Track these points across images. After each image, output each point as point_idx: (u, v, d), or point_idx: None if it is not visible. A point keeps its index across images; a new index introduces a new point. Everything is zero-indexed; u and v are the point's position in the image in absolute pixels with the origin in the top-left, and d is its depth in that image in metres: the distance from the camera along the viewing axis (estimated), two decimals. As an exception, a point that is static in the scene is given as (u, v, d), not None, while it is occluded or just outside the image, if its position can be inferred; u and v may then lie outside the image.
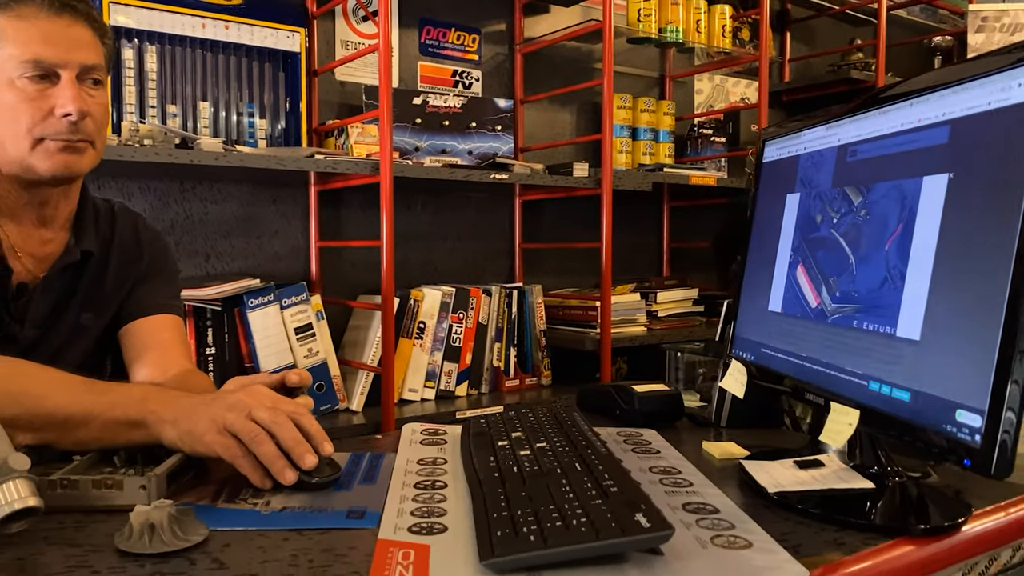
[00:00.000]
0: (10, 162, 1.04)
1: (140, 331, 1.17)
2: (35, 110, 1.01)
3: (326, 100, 2.23)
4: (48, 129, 1.02)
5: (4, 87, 1.01)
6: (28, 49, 1.00)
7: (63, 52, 1.01)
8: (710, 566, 0.63)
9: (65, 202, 1.12)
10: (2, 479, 0.65)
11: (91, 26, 1.06)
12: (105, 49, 1.09)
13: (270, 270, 2.15)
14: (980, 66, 0.65)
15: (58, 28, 1.02)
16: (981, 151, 0.63)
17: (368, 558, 0.63)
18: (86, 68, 1.04)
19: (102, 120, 1.08)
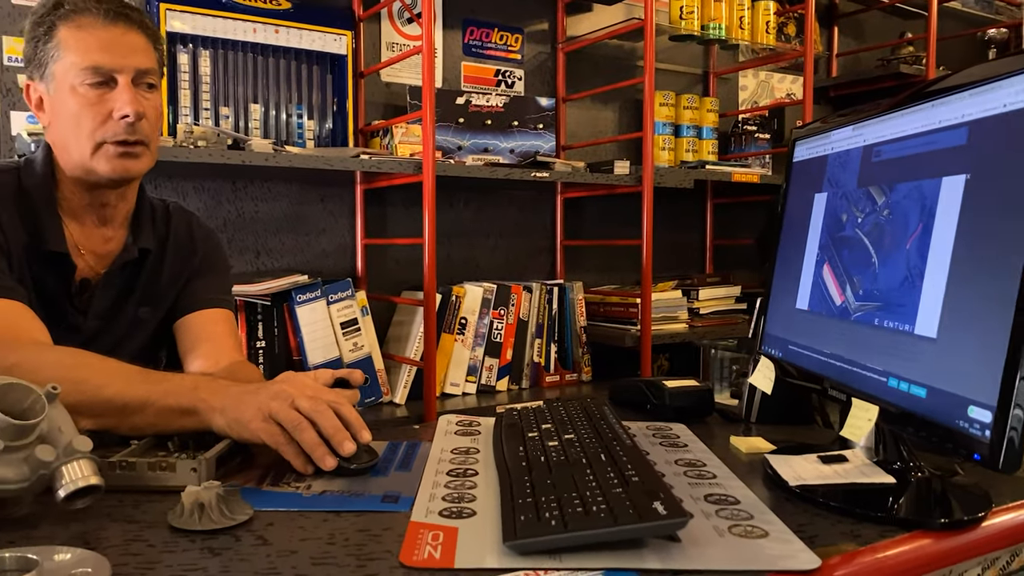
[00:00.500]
0: (74, 166, 1.11)
1: (194, 324, 1.23)
2: (95, 114, 1.08)
3: (372, 101, 2.29)
4: (107, 131, 1.08)
5: (67, 94, 1.08)
6: (87, 57, 1.07)
7: (119, 58, 1.08)
8: (725, 553, 0.65)
9: (123, 202, 1.19)
10: (68, 459, 0.70)
11: (144, 33, 1.12)
12: (157, 54, 1.15)
13: (318, 267, 2.21)
14: (997, 68, 0.66)
15: (114, 36, 1.08)
16: (997, 153, 0.65)
17: (400, 538, 0.67)
18: (141, 72, 1.10)
19: (156, 121, 1.14)
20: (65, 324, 1.13)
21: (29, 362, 0.92)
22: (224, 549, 0.66)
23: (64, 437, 0.72)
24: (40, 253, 1.11)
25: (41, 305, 1.09)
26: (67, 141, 1.10)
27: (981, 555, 0.73)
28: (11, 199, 1.11)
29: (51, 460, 0.69)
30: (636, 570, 0.62)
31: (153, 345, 1.26)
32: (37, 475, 0.69)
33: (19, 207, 1.11)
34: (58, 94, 1.10)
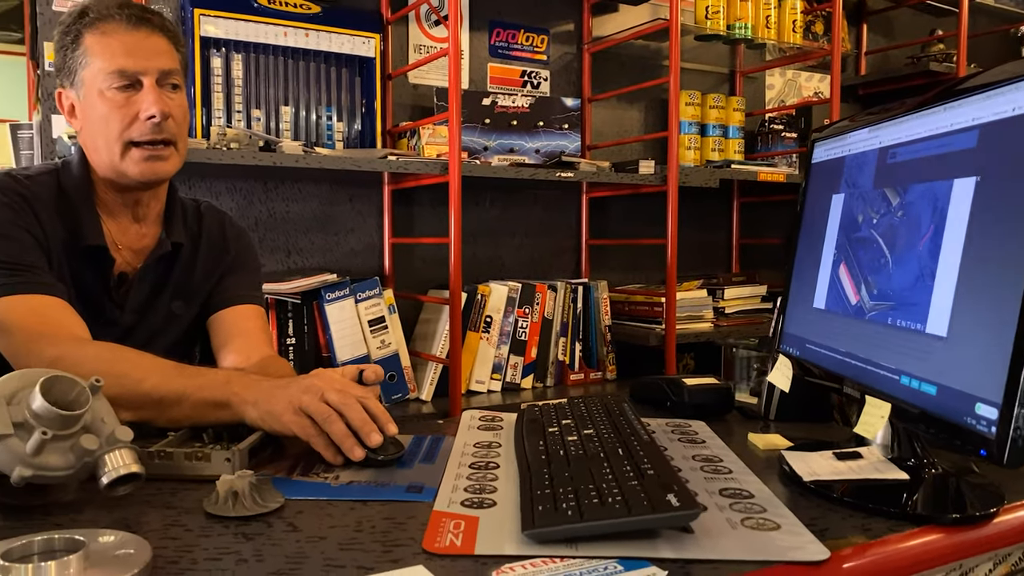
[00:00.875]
0: (105, 167, 1.16)
1: (226, 320, 1.27)
2: (123, 116, 1.12)
3: (399, 103, 2.32)
4: (135, 132, 1.13)
5: (95, 98, 1.13)
6: (113, 61, 1.11)
7: (143, 60, 1.12)
8: (736, 544, 0.67)
9: (155, 201, 1.24)
10: (110, 448, 0.74)
11: (166, 36, 1.17)
12: (180, 55, 1.20)
13: (346, 265, 2.26)
14: (1008, 72, 0.67)
15: (137, 39, 1.13)
16: (1006, 155, 0.66)
17: (423, 527, 0.70)
18: (164, 73, 1.15)
19: (183, 120, 1.18)
20: (103, 318, 1.18)
21: (70, 356, 0.97)
22: (256, 534, 0.69)
23: (107, 427, 0.76)
24: (79, 249, 1.16)
25: (80, 300, 1.14)
26: (98, 144, 1.15)
27: (992, 551, 0.74)
28: (51, 200, 1.15)
29: (95, 449, 0.73)
30: (649, 559, 0.64)
31: (186, 340, 1.30)
32: (82, 463, 0.73)
33: (58, 207, 1.16)
34: (87, 99, 1.14)
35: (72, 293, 1.13)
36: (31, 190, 1.14)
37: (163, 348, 1.19)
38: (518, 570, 0.62)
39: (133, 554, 0.62)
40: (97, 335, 1.09)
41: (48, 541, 0.62)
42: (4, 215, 1.09)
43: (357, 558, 0.64)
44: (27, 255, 1.09)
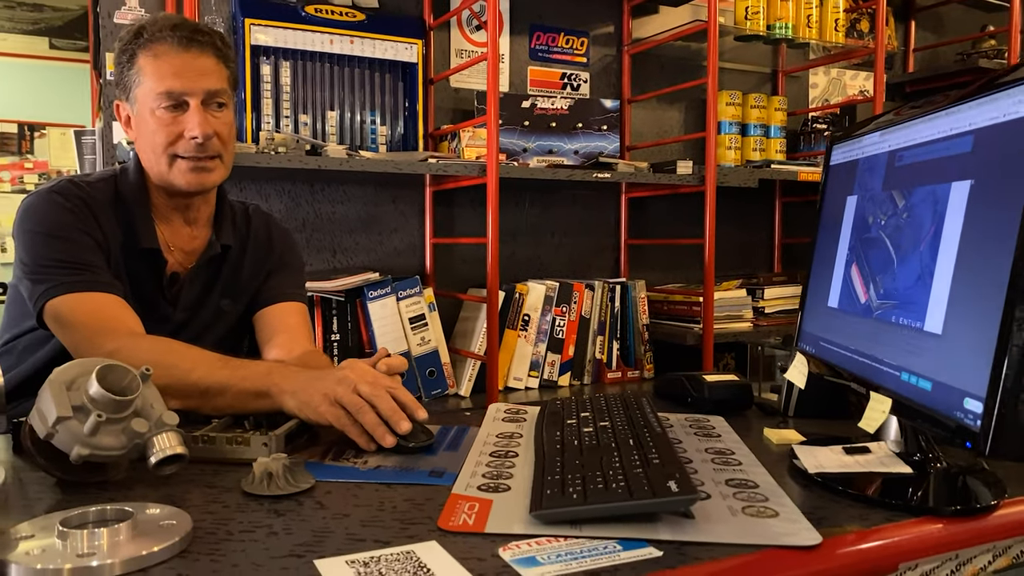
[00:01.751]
0: (156, 176, 1.25)
1: (271, 316, 1.35)
2: (169, 134, 1.20)
3: (441, 106, 2.39)
4: (179, 149, 1.21)
5: (147, 116, 1.21)
6: (162, 83, 1.19)
7: (190, 83, 1.19)
8: (733, 529, 0.71)
9: (205, 205, 1.32)
10: (158, 431, 0.81)
11: (215, 54, 1.23)
12: (229, 72, 1.26)
13: (389, 264, 2.33)
14: (1001, 79, 0.69)
15: (186, 61, 1.19)
16: (996, 160, 0.68)
17: (440, 507, 0.76)
18: (210, 93, 1.22)
19: (228, 136, 1.26)
20: (157, 315, 1.26)
21: (126, 349, 1.05)
22: (287, 511, 0.75)
23: (155, 412, 0.83)
24: (136, 251, 1.24)
25: (136, 298, 1.22)
26: (148, 156, 1.24)
27: (989, 543, 0.76)
28: (109, 204, 1.24)
29: (144, 431, 0.80)
30: (648, 540, 0.68)
31: (234, 335, 1.38)
32: (132, 444, 0.80)
33: (116, 211, 1.24)
34: (140, 115, 1.23)
35: (128, 291, 1.22)
36: (91, 195, 1.23)
37: (212, 342, 1.27)
38: (523, 547, 0.67)
39: (175, 524, 0.68)
40: (152, 330, 1.18)
41: (101, 511, 0.69)
42: (66, 219, 1.18)
43: (376, 533, 0.70)
44: (88, 256, 1.18)
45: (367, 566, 0.63)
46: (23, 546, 0.64)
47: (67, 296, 1.13)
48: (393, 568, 0.62)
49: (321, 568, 0.62)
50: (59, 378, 0.79)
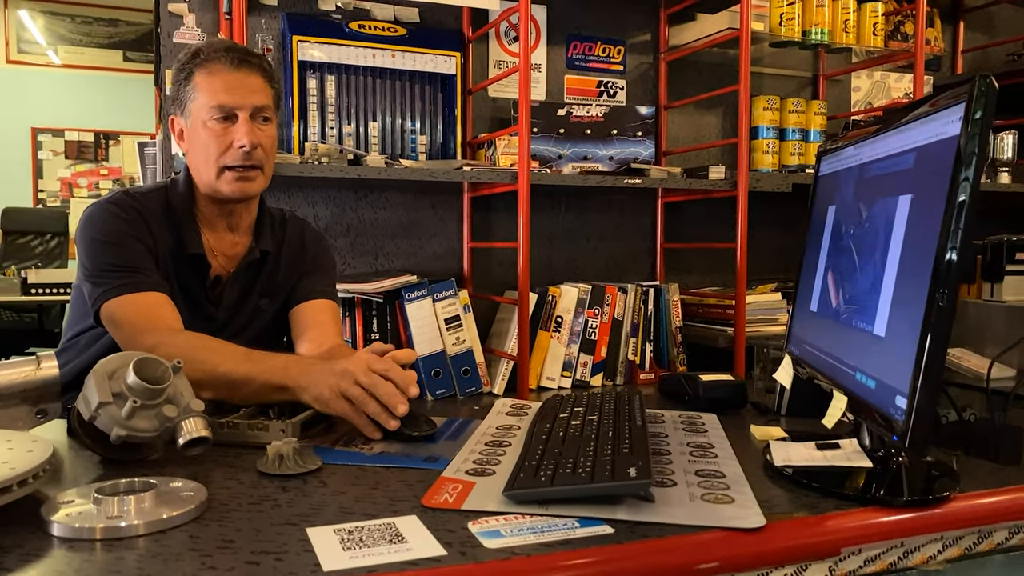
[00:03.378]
0: (204, 185, 1.37)
1: (303, 313, 1.46)
2: (220, 144, 1.32)
3: (479, 115, 2.48)
4: (229, 158, 1.33)
5: (199, 127, 1.33)
6: (215, 97, 1.31)
7: (239, 98, 1.32)
8: (686, 512, 0.78)
9: (247, 213, 1.43)
10: (186, 416, 0.92)
11: (263, 75, 1.36)
12: (274, 91, 1.39)
13: (429, 268, 2.44)
14: (940, 103, 0.75)
15: (237, 79, 1.32)
16: (929, 175, 0.74)
17: (428, 488, 0.85)
18: (257, 108, 1.34)
19: (271, 149, 1.38)
20: (201, 314, 1.38)
21: (164, 345, 1.17)
22: (293, 488, 0.85)
23: (184, 400, 0.94)
24: (183, 256, 1.37)
25: (183, 299, 1.35)
26: (199, 166, 1.36)
27: (935, 533, 0.81)
28: (160, 213, 1.37)
29: (174, 416, 0.91)
30: (605, 519, 0.76)
31: (271, 331, 1.50)
32: (164, 427, 0.91)
33: (166, 219, 1.37)
34: (193, 128, 1.35)
35: (176, 292, 1.34)
36: (144, 206, 1.36)
37: (250, 338, 1.39)
38: (491, 522, 0.75)
39: (193, 495, 0.79)
40: (196, 328, 1.30)
41: (130, 483, 0.80)
42: (120, 227, 1.31)
43: (366, 508, 0.79)
44: (138, 260, 1.31)
45: (351, 534, 0.72)
46: (64, 509, 0.75)
47: (119, 298, 1.26)
48: (372, 536, 0.72)
49: (311, 534, 0.72)
50: (102, 369, 0.91)
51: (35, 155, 5.47)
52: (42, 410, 1.01)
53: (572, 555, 0.69)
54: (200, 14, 2.19)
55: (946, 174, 0.69)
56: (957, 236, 0.66)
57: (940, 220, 0.68)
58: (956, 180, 0.67)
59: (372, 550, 0.69)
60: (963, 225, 0.67)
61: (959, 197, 0.67)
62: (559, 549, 0.70)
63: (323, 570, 0.65)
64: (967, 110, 0.67)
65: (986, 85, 0.67)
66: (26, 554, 0.68)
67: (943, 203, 0.68)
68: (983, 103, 0.67)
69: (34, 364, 1.00)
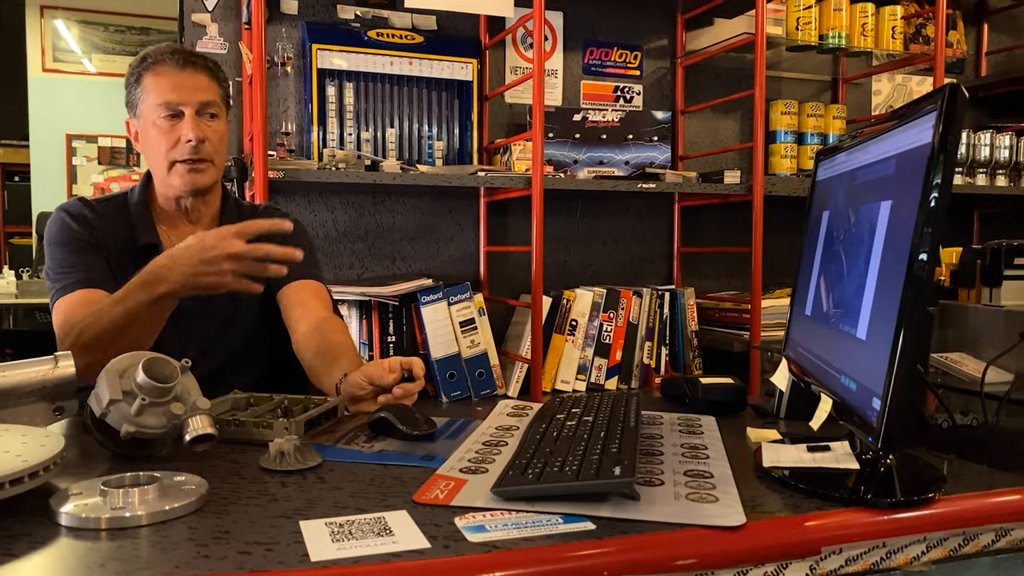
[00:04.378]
0: (159, 181, 1.45)
1: (285, 296, 1.51)
2: (168, 140, 1.39)
3: (496, 121, 2.51)
4: (177, 153, 1.39)
5: (149, 127, 1.41)
6: (161, 96, 1.39)
7: (185, 95, 1.39)
8: (668, 510, 0.80)
9: (205, 206, 1.50)
10: (192, 413, 0.96)
11: (208, 74, 1.43)
12: (221, 89, 1.45)
13: (445, 271, 2.47)
14: (917, 110, 0.76)
15: (183, 78, 1.39)
16: (906, 182, 0.75)
17: (421, 484, 0.87)
18: (203, 104, 1.41)
19: (219, 143, 1.44)
20: None
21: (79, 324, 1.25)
22: (291, 483, 0.89)
23: (191, 398, 0.97)
24: (137, 248, 1.43)
25: None
26: (152, 162, 1.44)
27: (917, 534, 0.82)
28: (115, 214, 1.46)
29: (181, 413, 0.95)
30: (588, 516, 0.78)
31: (263, 318, 1.52)
32: (171, 424, 0.95)
33: (120, 217, 1.45)
34: (144, 128, 1.43)
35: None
36: (97, 210, 1.45)
37: (242, 327, 1.50)
38: (478, 518, 0.78)
39: (195, 489, 0.82)
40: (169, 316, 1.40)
41: (135, 476, 0.84)
42: (67, 232, 1.41)
43: (359, 503, 0.82)
44: (81, 257, 1.39)
45: (341, 527, 0.75)
46: (73, 500, 0.79)
47: (62, 299, 1.36)
48: (362, 529, 0.74)
49: (303, 527, 0.75)
50: (113, 367, 0.95)
51: (69, 161, 5.62)
52: (59, 407, 1.05)
53: (551, 549, 0.71)
54: (222, 23, 2.25)
55: (920, 180, 0.70)
56: (928, 240, 0.68)
57: (910, 226, 0.70)
58: (927, 186, 0.68)
59: (360, 542, 0.71)
60: (934, 229, 0.68)
61: (930, 202, 0.68)
62: (540, 543, 0.72)
63: (311, 560, 0.68)
64: (938, 118, 0.68)
65: (956, 94, 0.68)
66: (34, 541, 0.72)
67: (914, 210, 0.70)
68: (953, 111, 0.68)
69: (52, 363, 1.04)
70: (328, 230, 2.37)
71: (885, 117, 0.88)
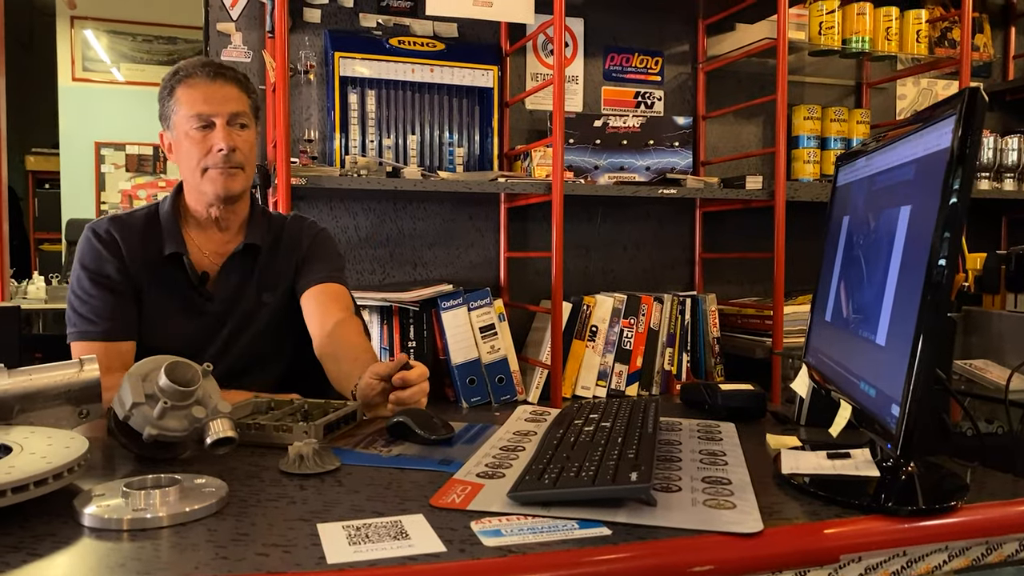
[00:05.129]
0: (191, 189, 1.48)
1: (307, 299, 1.53)
2: (200, 149, 1.42)
3: (517, 127, 2.52)
4: (209, 161, 1.43)
5: (182, 138, 1.44)
6: (193, 107, 1.42)
7: (216, 106, 1.42)
8: (685, 516, 0.79)
9: (234, 214, 1.52)
10: (213, 417, 0.97)
11: (238, 85, 1.46)
12: (251, 100, 1.48)
13: (466, 277, 2.48)
14: (936, 114, 0.76)
15: (213, 90, 1.42)
16: (927, 187, 0.74)
17: (438, 489, 0.88)
18: (234, 115, 1.44)
19: (249, 152, 1.47)
20: (192, 308, 1.49)
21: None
22: (310, 486, 0.89)
23: (212, 401, 0.99)
24: (162, 258, 1.46)
25: (169, 297, 1.47)
26: (185, 172, 1.47)
27: (939, 543, 0.81)
28: (142, 226, 1.48)
29: (202, 417, 0.96)
30: (604, 522, 0.78)
31: (280, 325, 1.55)
32: (193, 427, 0.96)
33: (149, 229, 1.48)
34: (177, 139, 1.45)
35: (159, 292, 1.46)
36: (124, 224, 1.47)
37: (259, 330, 1.52)
38: (494, 522, 0.78)
39: (215, 491, 0.83)
40: (189, 321, 1.46)
41: (156, 478, 0.85)
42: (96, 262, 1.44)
43: (376, 507, 0.83)
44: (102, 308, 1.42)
45: (358, 530, 0.75)
46: (96, 501, 0.80)
47: (80, 343, 1.41)
48: (378, 532, 0.75)
49: (321, 530, 0.76)
50: (136, 371, 0.97)
51: (98, 168, 5.71)
52: (84, 410, 1.07)
53: (566, 554, 0.71)
54: (246, 32, 2.28)
55: (940, 185, 0.70)
56: (948, 245, 0.67)
57: (929, 230, 0.69)
58: (947, 190, 0.68)
59: (376, 545, 0.72)
60: (954, 234, 0.67)
61: (949, 207, 0.68)
62: (555, 548, 0.72)
63: (327, 562, 0.68)
64: (957, 121, 0.68)
65: (976, 97, 0.68)
66: (57, 541, 0.73)
67: (934, 214, 0.69)
68: (973, 115, 0.67)
69: (77, 367, 1.06)
70: (350, 236, 2.38)
71: (904, 121, 0.87)
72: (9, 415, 1.01)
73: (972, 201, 2.73)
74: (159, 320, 1.47)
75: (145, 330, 1.47)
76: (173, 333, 1.47)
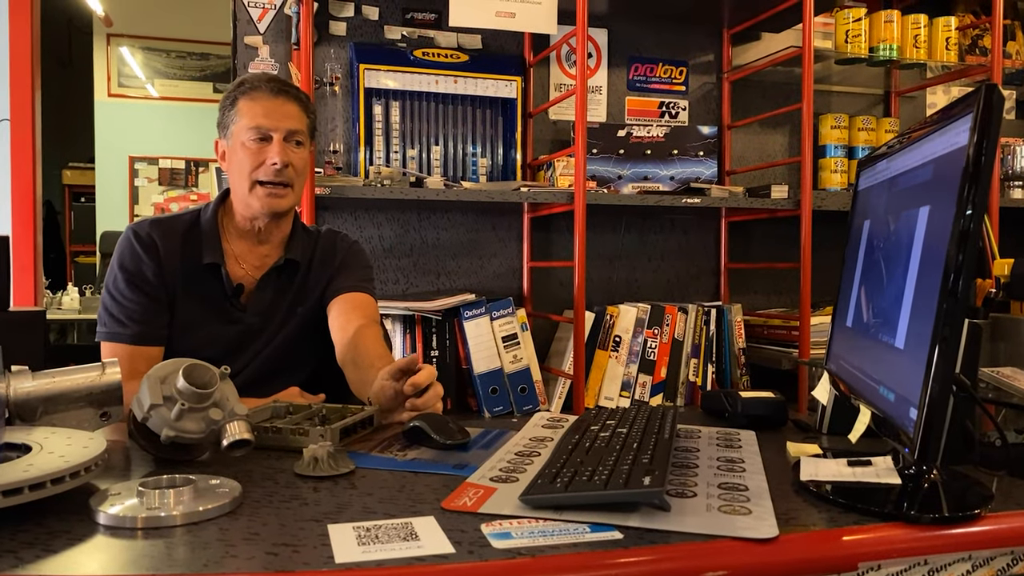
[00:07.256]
0: (238, 200, 1.49)
1: (333, 307, 1.55)
2: (254, 160, 1.44)
3: (540, 138, 2.52)
4: (261, 173, 1.44)
5: (239, 147, 1.45)
6: (253, 120, 1.44)
7: (275, 121, 1.44)
8: (699, 521, 0.78)
9: (277, 229, 1.54)
10: (230, 419, 0.98)
11: (299, 104, 1.48)
12: (309, 120, 1.50)
13: (489, 286, 2.48)
14: (953, 113, 0.74)
15: (275, 105, 1.44)
16: (944, 186, 0.73)
17: (451, 492, 0.87)
18: (291, 132, 1.45)
19: (302, 169, 1.48)
20: (226, 317, 1.50)
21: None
22: (324, 488, 0.89)
23: (229, 404, 0.99)
24: (200, 267, 1.48)
25: (203, 305, 1.48)
26: (235, 182, 1.48)
27: (961, 552, 0.79)
28: (183, 231, 1.49)
29: (219, 419, 0.97)
30: (616, 526, 0.77)
31: (308, 333, 1.57)
32: (210, 429, 0.97)
33: (186, 236, 1.49)
34: (233, 148, 1.47)
35: (193, 300, 1.48)
36: (165, 228, 1.49)
37: (286, 338, 1.53)
38: (504, 525, 0.78)
39: (228, 492, 0.84)
40: (222, 329, 1.47)
41: (171, 478, 0.86)
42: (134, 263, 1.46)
43: (388, 509, 0.83)
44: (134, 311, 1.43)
45: (368, 531, 0.75)
46: (112, 500, 0.81)
47: (109, 344, 1.43)
48: (388, 533, 0.75)
49: (331, 530, 0.76)
50: (155, 374, 0.98)
51: (132, 182, 5.81)
52: (106, 413, 1.08)
53: (576, 557, 0.70)
54: (273, 45, 2.32)
55: (957, 184, 0.69)
56: (965, 245, 0.66)
57: (947, 230, 0.68)
58: (964, 189, 0.66)
59: (385, 546, 0.72)
60: (972, 233, 0.66)
61: (967, 207, 0.66)
62: (565, 552, 0.71)
63: (335, 562, 0.68)
64: (974, 119, 0.67)
65: (992, 94, 0.66)
66: (72, 538, 0.74)
67: (951, 214, 0.68)
68: (990, 112, 0.66)
69: (99, 370, 1.08)
70: (374, 246, 2.40)
71: (924, 122, 0.86)
72: (32, 417, 1.02)
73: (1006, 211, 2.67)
74: (190, 327, 1.49)
75: (175, 335, 1.49)
76: (203, 340, 1.48)
